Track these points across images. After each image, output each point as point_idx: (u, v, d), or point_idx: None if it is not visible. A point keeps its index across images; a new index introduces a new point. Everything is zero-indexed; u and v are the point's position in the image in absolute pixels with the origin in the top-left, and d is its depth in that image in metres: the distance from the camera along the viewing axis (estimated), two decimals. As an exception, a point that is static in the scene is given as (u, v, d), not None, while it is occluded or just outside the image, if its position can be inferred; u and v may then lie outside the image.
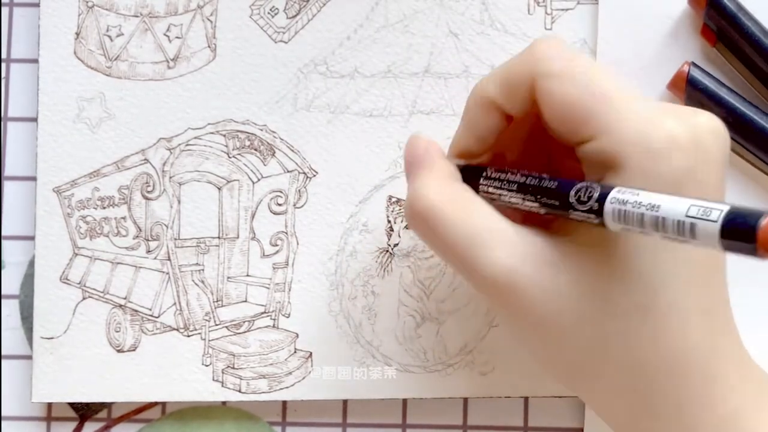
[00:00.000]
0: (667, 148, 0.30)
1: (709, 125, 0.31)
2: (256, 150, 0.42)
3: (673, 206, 0.26)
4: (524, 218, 0.33)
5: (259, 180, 0.42)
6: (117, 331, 0.41)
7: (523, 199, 0.32)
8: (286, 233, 0.41)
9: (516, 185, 0.32)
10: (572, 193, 0.30)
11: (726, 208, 0.25)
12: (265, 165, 0.42)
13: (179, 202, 0.42)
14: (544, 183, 0.31)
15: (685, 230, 0.26)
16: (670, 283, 0.30)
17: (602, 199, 0.28)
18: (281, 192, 0.42)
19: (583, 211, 0.29)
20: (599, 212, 0.28)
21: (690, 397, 0.31)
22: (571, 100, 0.31)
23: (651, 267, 0.30)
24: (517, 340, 0.35)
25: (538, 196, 0.31)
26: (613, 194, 0.28)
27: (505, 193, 0.33)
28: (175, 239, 0.41)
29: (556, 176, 0.31)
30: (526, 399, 0.42)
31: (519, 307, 0.31)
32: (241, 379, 0.41)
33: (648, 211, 0.27)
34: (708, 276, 0.31)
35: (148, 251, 0.41)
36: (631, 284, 0.30)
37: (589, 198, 0.29)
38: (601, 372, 0.32)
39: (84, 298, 0.41)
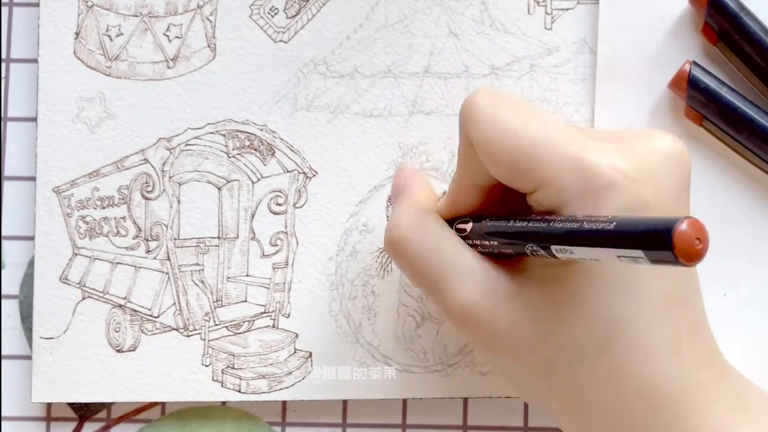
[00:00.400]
0: (606, 187, 0.29)
1: (661, 151, 0.31)
2: (255, 150, 0.42)
3: (605, 256, 0.26)
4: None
5: (258, 180, 0.42)
6: (117, 331, 0.41)
7: (485, 248, 0.33)
8: (286, 233, 0.41)
9: (478, 245, 0.33)
10: (527, 250, 0.30)
11: (646, 228, 0.25)
12: (264, 165, 0.42)
13: (179, 202, 0.42)
14: (504, 249, 0.32)
15: (623, 261, 0.26)
16: (627, 320, 0.30)
17: (549, 252, 0.29)
18: (281, 192, 0.42)
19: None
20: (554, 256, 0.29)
21: (661, 426, 0.31)
22: (501, 160, 0.31)
23: (607, 305, 0.30)
24: (493, 364, 0.36)
25: (499, 251, 0.32)
26: (556, 254, 0.29)
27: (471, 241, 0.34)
28: (175, 239, 0.41)
29: (505, 219, 0.32)
30: (527, 399, 0.42)
31: (482, 339, 0.32)
32: (240, 379, 0.41)
33: (587, 259, 0.27)
34: (676, 307, 0.31)
35: (148, 251, 0.41)
36: (587, 322, 0.30)
37: (539, 253, 0.30)
38: (566, 401, 0.32)
39: (84, 298, 0.41)
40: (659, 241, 0.24)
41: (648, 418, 0.31)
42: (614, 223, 0.26)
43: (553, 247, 0.28)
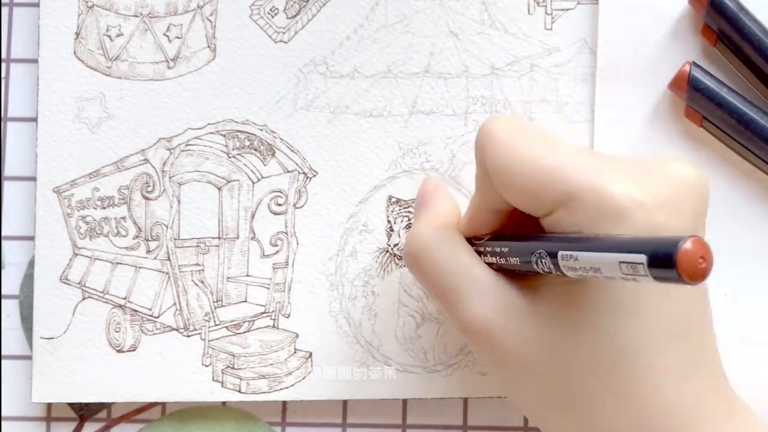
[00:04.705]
0: (622, 212, 0.29)
1: (678, 178, 0.31)
2: (256, 150, 0.42)
3: (608, 265, 0.26)
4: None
5: (259, 180, 0.42)
6: (117, 331, 0.41)
7: (500, 265, 0.33)
8: (286, 233, 0.41)
9: (490, 259, 0.34)
10: (533, 261, 0.30)
11: (651, 245, 0.25)
12: (265, 165, 0.42)
13: (179, 202, 0.42)
14: (510, 260, 0.32)
15: (627, 277, 0.26)
16: (638, 343, 0.30)
17: (555, 263, 0.29)
18: (281, 192, 0.42)
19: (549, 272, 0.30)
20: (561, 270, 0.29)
21: None
22: (516, 186, 0.31)
23: (615, 326, 0.30)
24: (496, 381, 0.36)
25: (512, 268, 0.33)
26: (561, 262, 0.29)
27: (486, 258, 0.34)
28: (175, 239, 0.41)
29: (520, 238, 0.32)
30: (526, 399, 0.42)
31: (491, 354, 0.33)
32: (240, 379, 0.41)
33: (593, 273, 0.27)
34: (685, 335, 0.31)
35: (148, 251, 0.41)
36: (594, 341, 0.30)
37: (548, 267, 0.30)
38: (569, 422, 0.32)
39: (84, 298, 0.41)
40: (663, 258, 0.24)
41: None
42: (620, 240, 0.26)
43: (560, 254, 0.29)
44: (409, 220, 0.41)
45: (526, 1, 0.41)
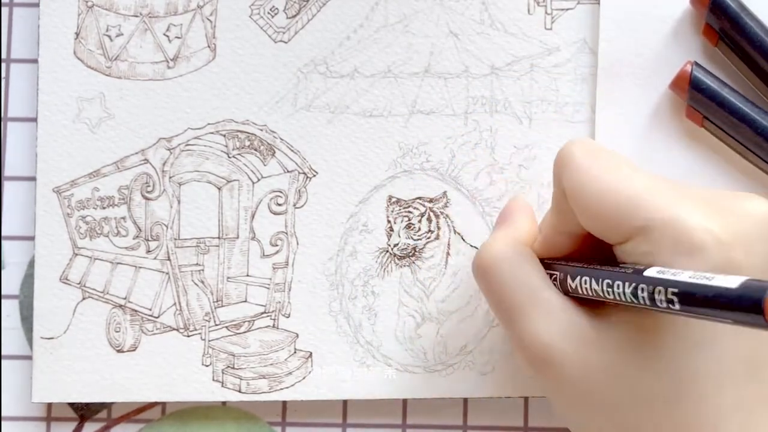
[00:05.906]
0: (700, 247, 0.29)
1: (756, 214, 0.31)
2: (256, 150, 0.42)
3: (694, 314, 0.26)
4: None
5: (259, 180, 0.42)
6: (117, 331, 0.41)
7: (569, 288, 0.33)
8: (286, 233, 0.41)
9: (564, 287, 0.33)
10: (615, 294, 0.30)
11: (738, 284, 0.25)
12: (265, 165, 0.42)
13: (179, 202, 0.42)
14: (589, 294, 0.32)
15: (709, 318, 0.26)
16: (703, 377, 0.30)
17: (652, 297, 0.29)
18: (281, 192, 0.42)
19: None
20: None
21: None
22: (594, 210, 0.31)
23: (685, 360, 0.30)
24: (553, 405, 0.35)
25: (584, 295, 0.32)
26: (657, 297, 0.28)
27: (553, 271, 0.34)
28: (175, 239, 0.41)
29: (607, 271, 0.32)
30: (526, 399, 0.42)
31: (551, 379, 0.32)
32: (241, 379, 0.41)
33: (678, 310, 0.27)
34: (750, 371, 0.30)
35: (148, 251, 0.41)
36: (662, 374, 0.30)
37: (628, 302, 0.29)
38: None
39: (84, 298, 0.41)
40: (751, 304, 0.24)
41: None
42: (710, 282, 0.26)
43: (657, 289, 0.28)
44: (409, 219, 0.41)
45: (526, 1, 0.41)
